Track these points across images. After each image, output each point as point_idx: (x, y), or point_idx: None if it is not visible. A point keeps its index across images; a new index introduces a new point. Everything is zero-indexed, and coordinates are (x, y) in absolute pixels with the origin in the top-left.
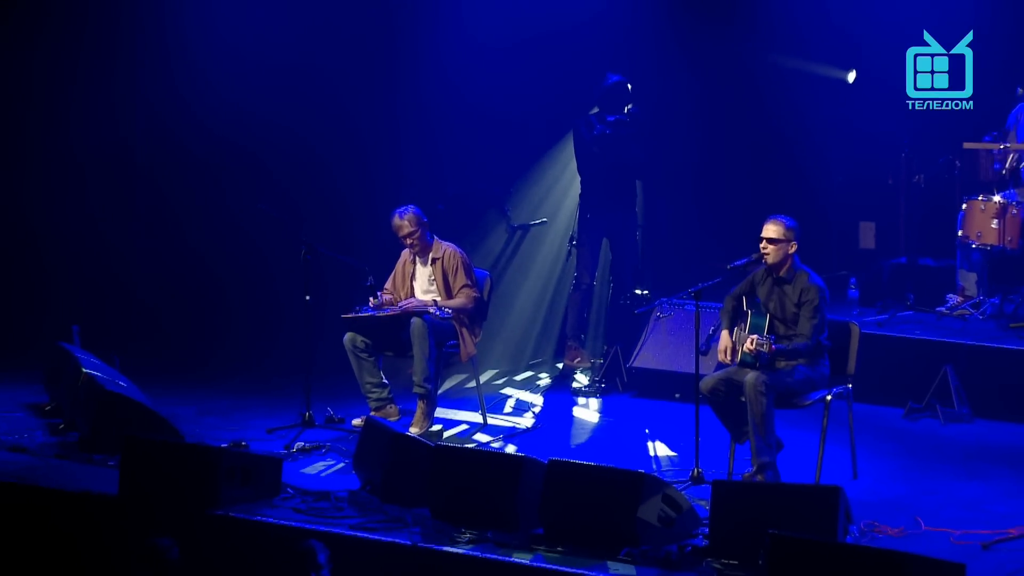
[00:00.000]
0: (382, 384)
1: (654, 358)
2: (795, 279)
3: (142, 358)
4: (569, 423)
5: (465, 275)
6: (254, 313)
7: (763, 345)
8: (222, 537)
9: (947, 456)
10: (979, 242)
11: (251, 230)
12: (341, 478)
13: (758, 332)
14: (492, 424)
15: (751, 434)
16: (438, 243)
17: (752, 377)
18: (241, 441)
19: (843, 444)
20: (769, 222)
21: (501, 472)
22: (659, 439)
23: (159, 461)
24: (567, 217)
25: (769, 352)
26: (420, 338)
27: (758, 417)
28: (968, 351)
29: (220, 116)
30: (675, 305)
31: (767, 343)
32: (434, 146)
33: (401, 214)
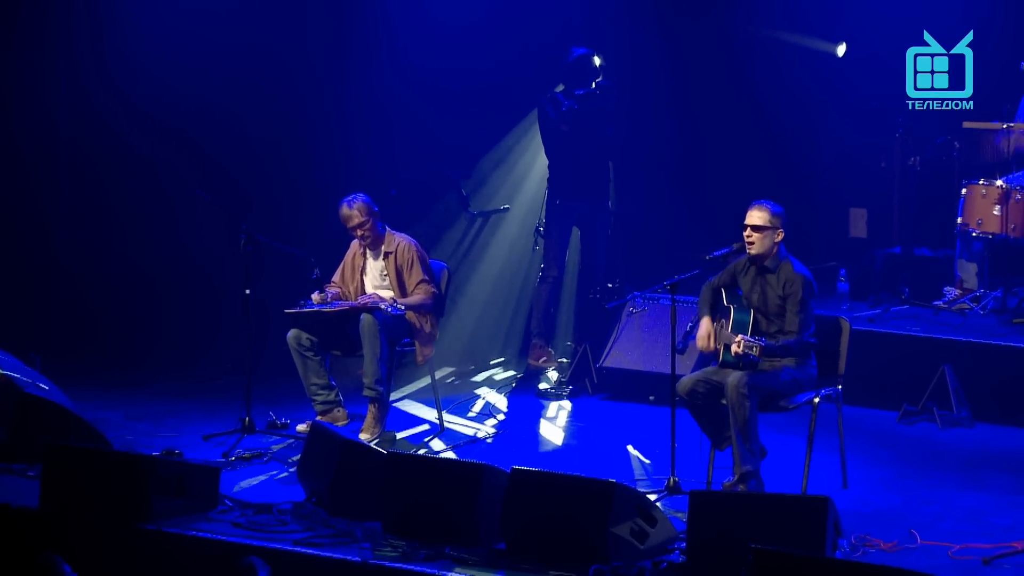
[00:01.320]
0: (329, 386)
1: (626, 357)
2: (779, 269)
3: (65, 358)
4: (534, 428)
5: (421, 270)
6: (189, 308)
7: (752, 348)
8: (153, 554)
9: (945, 463)
10: (980, 230)
11: (187, 218)
12: (284, 489)
13: (743, 331)
14: (450, 429)
15: (733, 440)
16: (391, 235)
17: (734, 378)
18: (174, 449)
19: (832, 451)
20: (753, 208)
21: (460, 482)
22: (632, 445)
23: (84, 471)
24: (532, 203)
25: (759, 355)
26: (371, 336)
27: (740, 421)
28: (968, 349)
29: (153, 96)
30: (649, 299)
31: (756, 346)
32: (386, 127)
33: (349, 203)
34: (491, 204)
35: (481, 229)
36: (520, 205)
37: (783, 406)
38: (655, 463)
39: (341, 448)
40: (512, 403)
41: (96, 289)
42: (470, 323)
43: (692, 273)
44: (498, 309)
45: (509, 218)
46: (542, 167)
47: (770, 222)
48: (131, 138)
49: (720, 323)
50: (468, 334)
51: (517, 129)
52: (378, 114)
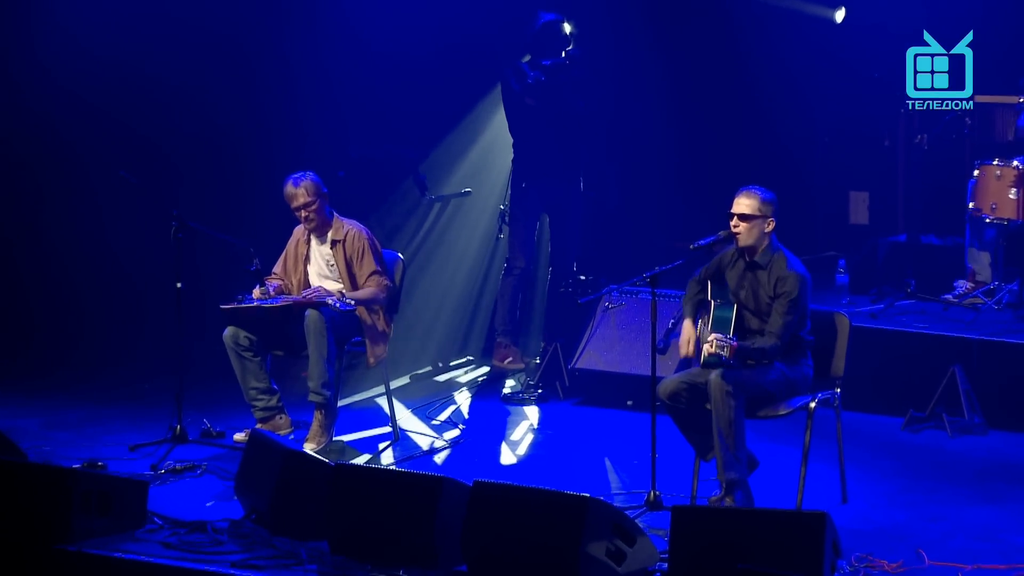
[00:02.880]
0: (270, 390)
1: (601, 358)
2: (771, 264)
3: None
4: (499, 436)
5: (373, 260)
6: (114, 304)
7: (724, 348)
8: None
9: (956, 475)
10: (994, 216)
11: (111, 203)
12: (220, 505)
13: (723, 328)
14: (406, 438)
15: (717, 447)
16: (339, 221)
17: (717, 375)
18: (97, 461)
19: (830, 461)
20: (741, 194)
21: (416, 496)
22: (608, 455)
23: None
24: (496, 186)
25: (731, 356)
26: (317, 334)
27: (725, 425)
28: (981, 348)
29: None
30: (627, 293)
31: (728, 346)
32: (335, 101)
33: (296, 181)
34: (451, 188)
35: (440, 215)
36: (484, 189)
37: (774, 411)
38: (633, 475)
39: (283, 459)
40: (475, 408)
41: (8, 282)
42: (428, 320)
43: (675, 264)
44: (459, 304)
45: (471, 203)
46: (508, 146)
47: (760, 210)
48: (48, 113)
49: (703, 319)
50: (425, 332)
51: (482, 104)
52: (326, 87)
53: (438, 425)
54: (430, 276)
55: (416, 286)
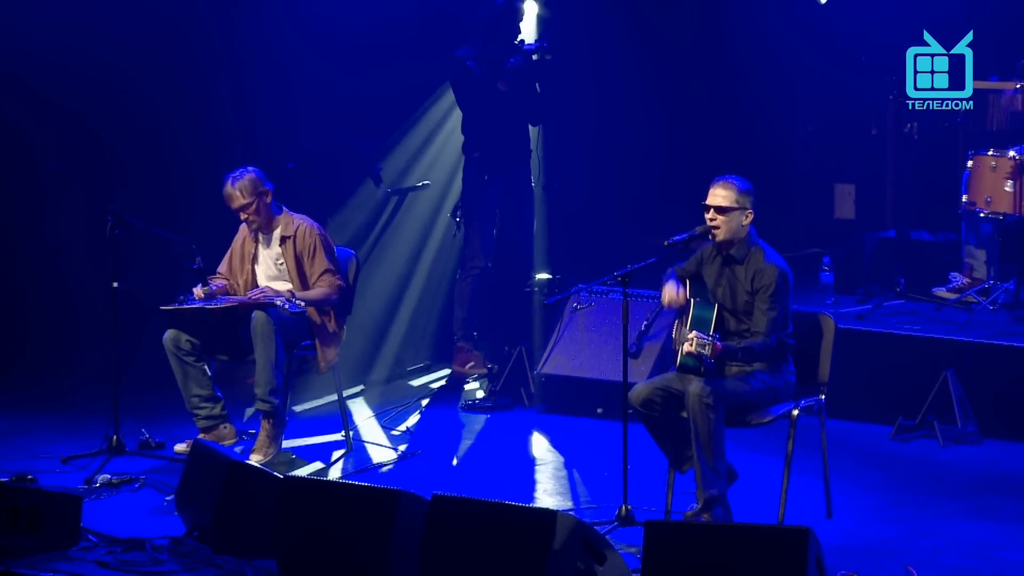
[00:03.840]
0: (214, 398)
1: (569, 362)
2: (748, 258)
3: None
4: (459, 447)
5: (325, 258)
6: (45, 305)
7: (705, 347)
8: None
9: (948, 488)
10: (989, 210)
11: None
12: (160, 521)
13: (702, 328)
14: (360, 449)
15: (695, 459)
16: (288, 216)
17: (696, 386)
18: (27, 474)
19: (814, 473)
20: (716, 185)
21: (370, 512)
22: (577, 467)
23: None
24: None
25: (714, 356)
26: (264, 338)
27: (704, 436)
28: (975, 351)
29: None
30: (597, 293)
31: (710, 344)
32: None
33: (233, 180)
34: (408, 180)
35: (396, 210)
36: (442, 181)
37: (755, 420)
38: (604, 488)
39: (228, 472)
40: (434, 418)
41: None
42: (383, 322)
43: (648, 262)
44: (417, 305)
45: (429, 196)
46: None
47: (737, 201)
48: None
49: (680, 320)
50: (381, 335)
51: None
52: (276, 73)
53: (395, 435)
54: (386, 275)
55: (371, 286)
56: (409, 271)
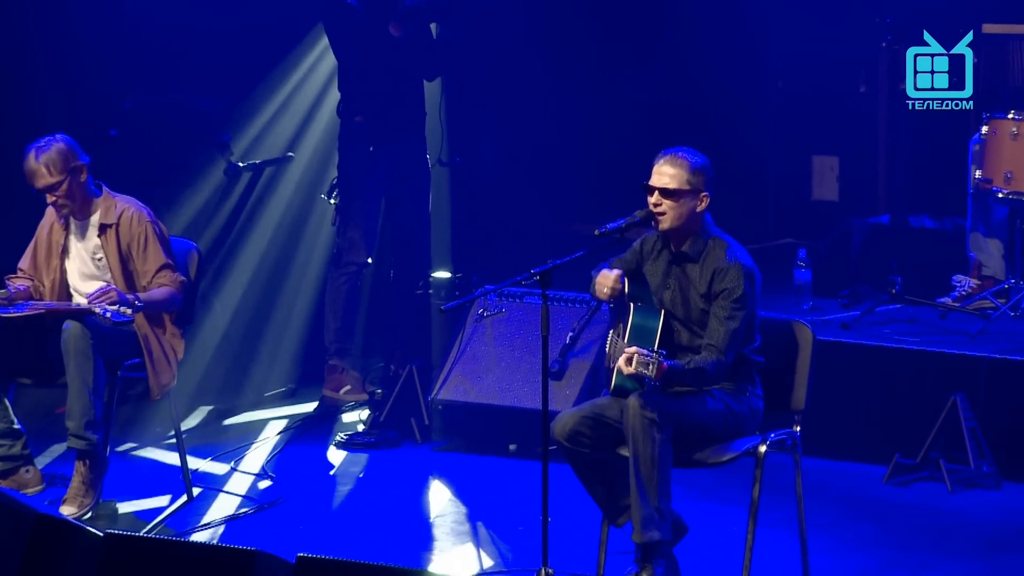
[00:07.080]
0: (13, 432)
1: (473, 386)
2: (705, 254)
3: None
4: (331, 494)
5: (162, 251)
6: None
7: (648, 366)
8: None
9: (957, 545)
10: (1009, 188)
11: None
12: None
13: (645, 342)
14: (204, 498)
15: (633, 495)
16: (110, 199)
17: (637, 401)
18: None
19: (787, 525)
20: (663, 161)
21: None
22: (483, 520)
23: None
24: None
25: (658, 378)
26: (79, 355)
27: (646, 466)
28: (991, 370)
29: None
30: (508, 296)
31: (654, 363)
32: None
33: (38, 152)
34: (266, 152)
35: (249, 190)
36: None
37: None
38: (518, 546)
39: (32, 528)
40: (299, 456)
41: None
42: (233, 335)
43: (574, 256)
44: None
45: (294, 173)
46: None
47: (689, 182)
48: None
49: (616, 329)
50: (230, 352)
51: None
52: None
53: (248, 479)
54: (237, 274)
55: (218, 287)
56: (268, 269)
